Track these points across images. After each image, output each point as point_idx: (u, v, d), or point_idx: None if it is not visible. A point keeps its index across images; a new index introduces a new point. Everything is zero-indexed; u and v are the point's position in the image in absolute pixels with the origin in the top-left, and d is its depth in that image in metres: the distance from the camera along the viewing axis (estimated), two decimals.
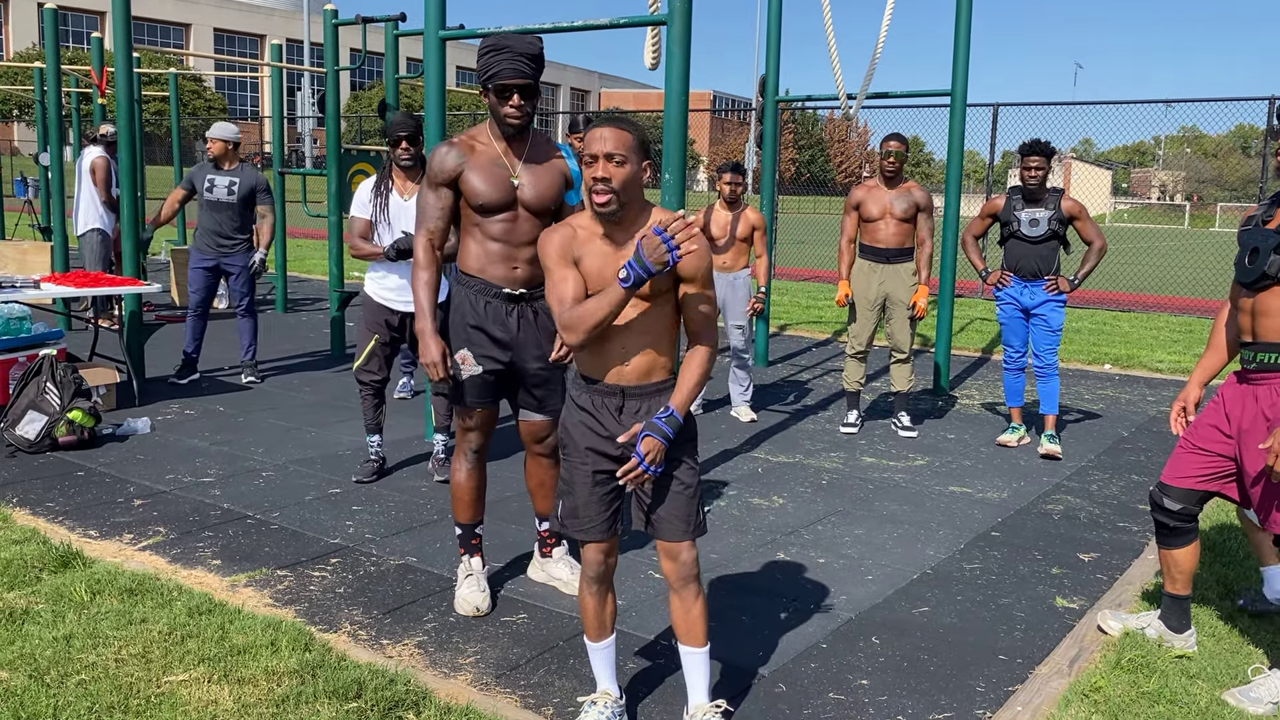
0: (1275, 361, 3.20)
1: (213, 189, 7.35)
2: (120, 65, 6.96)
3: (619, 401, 2.75)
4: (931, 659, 3.50)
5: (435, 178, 3.58)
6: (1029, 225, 6.18)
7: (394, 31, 8.88)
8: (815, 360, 9.59)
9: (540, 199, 3.62)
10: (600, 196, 2.61)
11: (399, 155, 5.20)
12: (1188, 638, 3.60)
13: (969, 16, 7.69)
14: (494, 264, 3.62)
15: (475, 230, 3.63)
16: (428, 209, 3.62)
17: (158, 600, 3.64)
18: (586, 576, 2.87)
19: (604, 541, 2.84)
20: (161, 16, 64.16)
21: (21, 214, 17.50)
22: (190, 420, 6.50)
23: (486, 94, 3.54)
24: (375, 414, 5.39)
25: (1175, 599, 3.60)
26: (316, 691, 3.01)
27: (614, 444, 2.75)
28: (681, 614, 2.83)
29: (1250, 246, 3.22)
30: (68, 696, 2.95)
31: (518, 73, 3.45)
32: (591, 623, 2.91)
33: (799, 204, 53.58)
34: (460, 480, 3.81)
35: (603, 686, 2.96)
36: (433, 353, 3.59)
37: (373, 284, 5.29)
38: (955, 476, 5.79)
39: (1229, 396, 3.37)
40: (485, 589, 3.79)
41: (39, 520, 4.54)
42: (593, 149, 2.61)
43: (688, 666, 2.87)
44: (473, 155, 3.58)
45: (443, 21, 5.81)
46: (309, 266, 16.35)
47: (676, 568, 2.80)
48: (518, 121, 3.54)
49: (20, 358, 6.69)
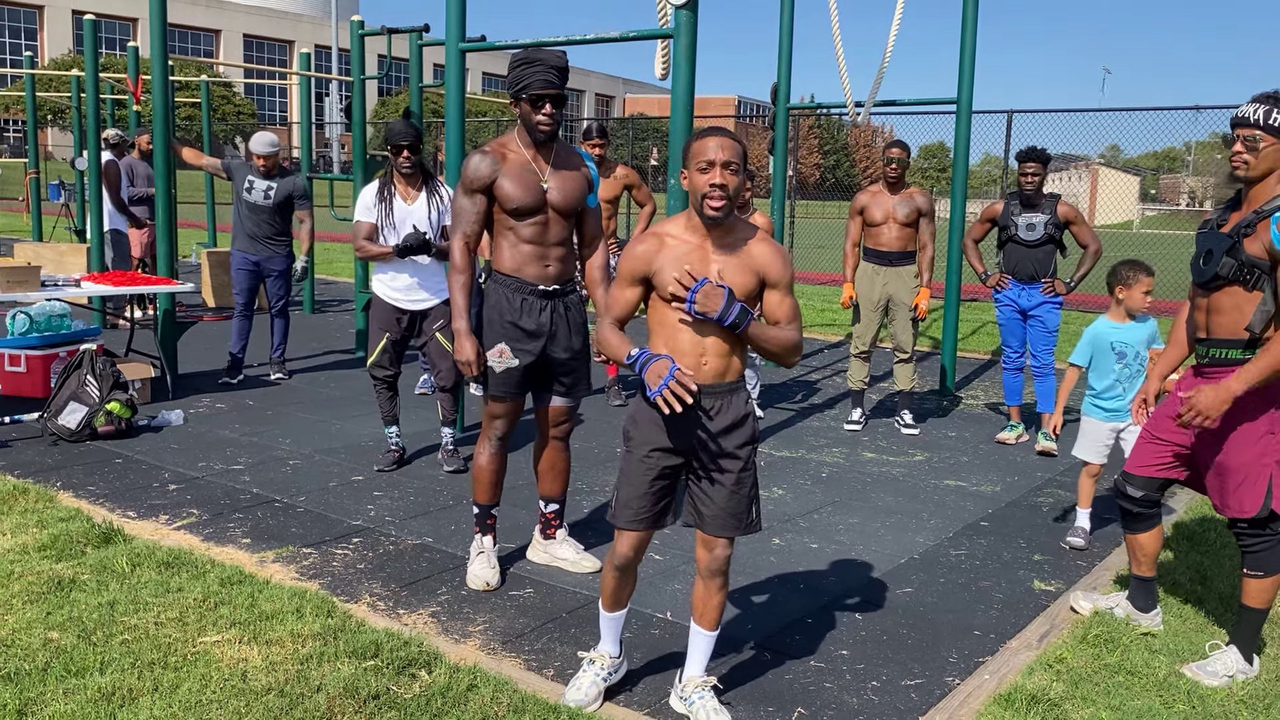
0: (1226, 356, 3.42)
1: (251, 190, 7.59)
2: (156, 74, 7.31)
3: (696, 401, 2.85)
4: (910, 634, 3.74)
5: (471, 184, 3.83)
6: (1026, 229, 6.40)
7: (418, 42, 9.20)
8: (826, 361, 9.82)
9: (568, 202, 3.90)
10: (716, 202, 2.75)
11: (400, 162, 5.43)
12: (1154, 617, 3.82)
13: (974, 27, 7.91)
14: (528, 263, 3.89)
15: (509, 233, 3.89)
16: (463, 213, 3.86)
17: (192, 572, 3.94)
18: (613, 563, 3.04)
19: (643, 533, 2.98)
20: (193, 23, 65.20)
21: (59, 217, 17.98)
22: (221, 413, 6.82)
23: (518, 104, 3.80)
24: (390, 406, 5.67)
25: (1141, 580, 3.83)
26: (337, 651, 3.29)
27: (684, 441, 2.89)
28: (703, 599, 3.03)
29: (1205, 249, 3.45)
30: (112, 654, 3.25)
31: (548, 83, 3.72)
32: (609, 599, 3.11)
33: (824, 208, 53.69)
34: (483, 464, 4.07)
35: (604, 647, 3.18)
36: (468, 351, 3.84)
37: (381, 285, 5.53)
38: (951, 471, 6.02)
39: (1185, 389, 3.60)
40: (495, 566, 4.07)
41: (82, 502, 4.85)
42: (709, 157, 2.74)
43: (693, 643, 3.08)
44: (505, 162, 3.84)
45: (463, 34, 6.11)
46: (336, 269, 16.73)
47: (710, 559, 2.98)
48: (549, 129, 3.81)
49: (61, 353, 7.05)
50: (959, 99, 7.98)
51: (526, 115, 3.80)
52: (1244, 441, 3.36)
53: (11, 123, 55.27)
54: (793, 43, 8.72)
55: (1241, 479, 3.37)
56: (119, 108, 18.15)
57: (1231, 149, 3.33)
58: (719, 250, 2.85)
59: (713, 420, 2.88)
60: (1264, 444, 3.34)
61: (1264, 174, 3.31)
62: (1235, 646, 3.48)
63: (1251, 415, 3.35)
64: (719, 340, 2.84)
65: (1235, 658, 3.45)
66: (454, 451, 5.70)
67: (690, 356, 2.84)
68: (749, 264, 2.85)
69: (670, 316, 2.86)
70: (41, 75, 19.69)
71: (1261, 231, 3.26)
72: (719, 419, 2.88)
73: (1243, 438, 3.37)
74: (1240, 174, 3.32)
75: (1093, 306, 15.00)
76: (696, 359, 2.84)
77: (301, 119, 12.61)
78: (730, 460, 2.91)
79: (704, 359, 2.85)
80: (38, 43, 61.21)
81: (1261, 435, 3.34)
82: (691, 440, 2.89)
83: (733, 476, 2.92)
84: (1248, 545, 3.43)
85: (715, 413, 2.88)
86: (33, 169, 15.89)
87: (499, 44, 6.14)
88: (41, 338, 7.04)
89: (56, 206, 17.01)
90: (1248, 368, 3.23)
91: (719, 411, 2.88)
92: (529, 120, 3.80)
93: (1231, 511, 3.43)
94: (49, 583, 3.77)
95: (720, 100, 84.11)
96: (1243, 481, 3.37)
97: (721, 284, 2.77)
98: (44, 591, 3.70)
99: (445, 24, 6.11)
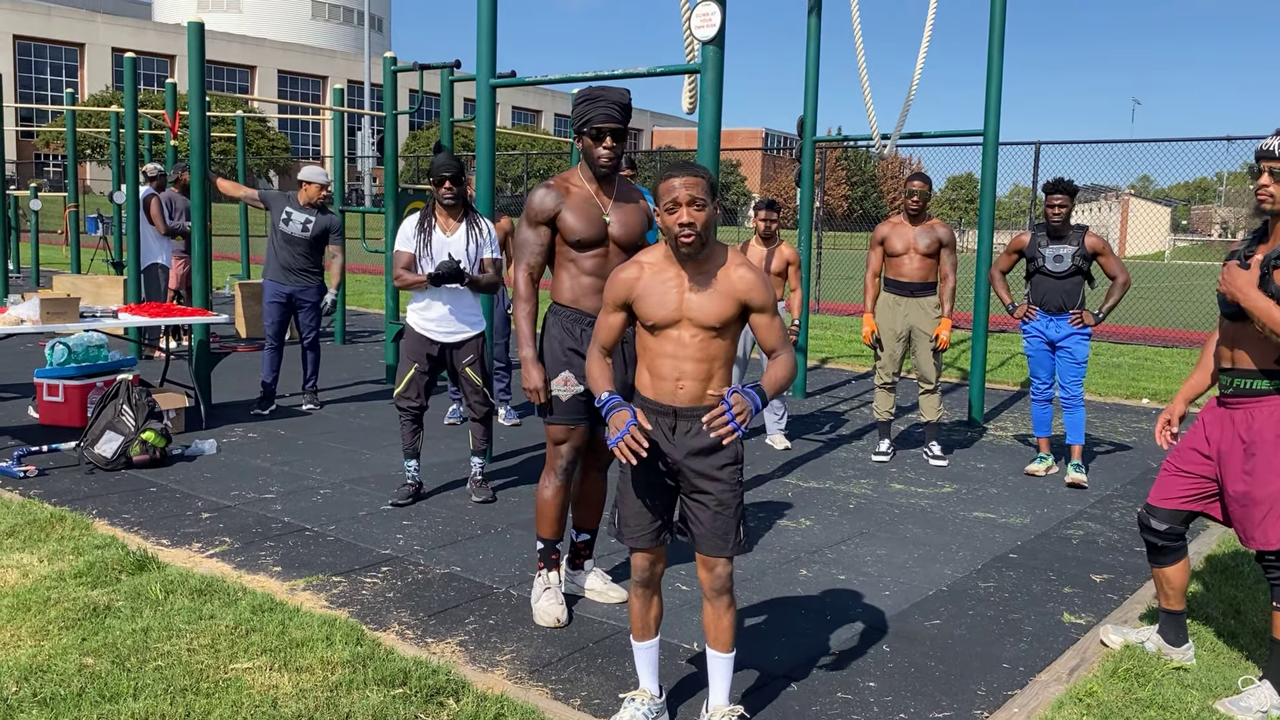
0: (1250, 387, 3.42)
1: (289, 222, 7.74)
2: (194, 109, 7.47)
3: (672, 421, 2.99)
4: (938, 666, 3.73)
5: (536, 217, 3.93)
6: (1053, 261, 6.40)
7: (450, 77, 9.35)
8: (853, 393, 9.81)
9: (629, 235, 3.98)
10: (687, 238, 2.85)
11: (442, 194, 5.50)
12: (1185, 650, 3.78)
13: (1000, 60, 7.95)
14: (587, 295, 3.96)
15: (570, 265, 3.97)
16: (528, 245, 3.96)
17: (224, 599, 3.99)
18: (634, 581, 3.11)
19: (651, 550, 3.07)
20: (228, 59, 66.46)
21: (97, 250, 18.30)
22: (253, 443, 6.91)
23: (581, 138, 3.92)
24: (413, 439, 5.65)
25: (1170, 614, 3.79)
26: (366, 679, 3.32)
27: (665, 460, 3.00)
28: (712, 620, 3.06)
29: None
30: (146, 679, 3.29)
31: (609, 118, 3.82)
32: (637, 623, 3.15)
33: (851, 239, 53.67)
34: (547, 497, 4.07)
35: (644, 684, 3.19)
36: (534, 379, 3.91)
37: (415, 315, 5.56)
38: (980, 503, 5.99)
39: (1208, 420, 3.59)
40: (563, 601, 4.04)
41: (116, 529, 4.93)
42: (674, 196, 2.85)
43: (712, 669, 3.10)
44: (568, 196, 3.94)
45: (494, 69, 6.21)
46: (367, 301, 16.91)
47: (711, 579, 3.03)
48: (610, 162, 3.90)
49: (98, 383, 7.18)
50: (985, 131, 8.01)
51: (589, 149, 3.91)
52: (1270, 473, 3.35)
53: (52, 157, 56.44)
54: (819, 76, 8.79)
55: (1267, 511, 3.35)
56: (156, 142, 18.51)
57: (1257, 182, 3.34)
58: (695, 279, 2.94)
59: (689, 441, 2.98)
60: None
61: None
62: (1269, 681, 3.44)
63: (1277, 448, 3.34)
64: (696, 365, 2.95)
65: (1269, 692, 3.41)
66: (482, 482, 5.73)
67: (668, 381, 2.97)
68: (727, 290, 2.93)
69: (651, 342, 2.99)
70: (82, 111, 20.11)
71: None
72: (694, 440, 2.97)
73: (1268, 469, 3.35)
74: (1267, 207, 3.33)
75: (1122, 338, 14.90)
76: (674, 383, 2.97)
77: (334, 153, 12.81)
78: (711, 481, 2.98)
79: (680, 383, 2.96)
80: (78, 79, 62.59)
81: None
82: (672, 461, 3.00)
83: (714, 498, 2.98)
84: (1276, 578, 3.40)
85: (691, 434, 2.98)
86: (72, 203, 16.21)
87: (529, 80, 6.24)
88: (79, 368, 7.17)
89: (95, 239, 17.32)
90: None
91: (694, 433, 2.98)
92: (591, 154, 3.91)
93: (1257, 544, 3.41)
94: (84, 609, 3.84)
95: (747, 133, 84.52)
96: (1268, 513, 3.35)
97: (740, 389, 2.81)
98: (79, 618, 3.76)
99: (476, 60, 6.21)
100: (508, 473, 6.33)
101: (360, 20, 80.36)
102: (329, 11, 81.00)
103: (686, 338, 2.94)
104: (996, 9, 7.93)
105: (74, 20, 62.65)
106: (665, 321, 2.93)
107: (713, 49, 5.16)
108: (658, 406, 3.00)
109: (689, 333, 2.93)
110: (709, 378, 2.96)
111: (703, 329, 2.92)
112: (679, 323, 2.94)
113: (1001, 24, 7.94)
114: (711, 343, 2.94)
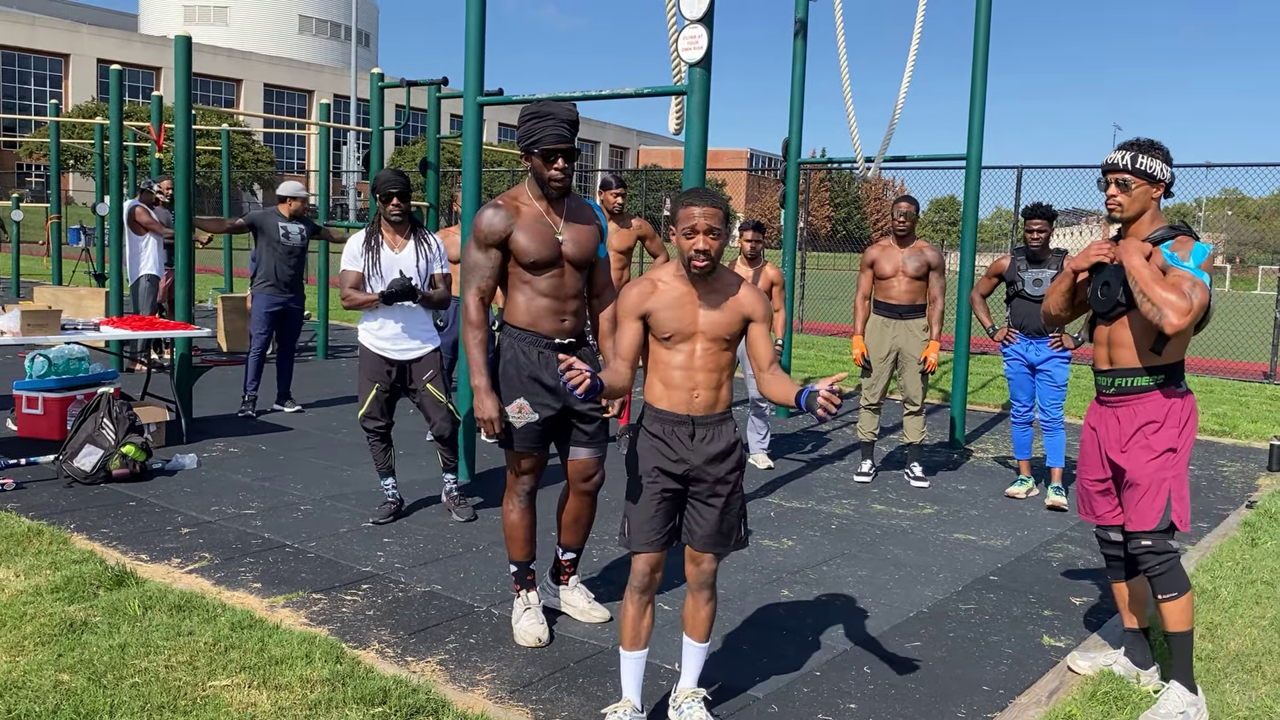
0: (1131, 385, 3.60)
1: (288, 236, 8.10)
2: (180, 124, 7.46)
3: (690, 429, 3.15)
4: (918, 688, 3.73)
5: (486, 239, 3.82)
6: (1033, 285, 6.45)
7: (436, 94, 9.37)
8: (836, 413, 9.82)
9: (583, 254, 3.91)
10: (700, 262, 3.05)
11: (389, 211, 5.46)
12: (1152, 674, 3.83)
13: (984, 85, 8.03)
14: (543, 318, 3.88)
15: (524, 286, 3.88)
16: (478, 268, 3.85)
17: (203, 616, 3.96)
18: (632, 586, 3.21)
19: (656, 554, 3.19)
20: (215, 72, 66.30)
21: (79, 261, 18.20)
22: (234, 458, 6.87)
23: (529, 157, 3.82)
24: (385, 457, 5.60)
25: (1135, 634, 3.88)
26: (346, 697, 3.30)
27: (683, 466, 3.14)
28: (693, 612, 3.27)
29: (1102, 281, 3.62)
30: (122, 697, 3.26)
31: (560, 138, 3.74)
32: (629, 631, 3.23)
33: (835, 260, 53.84)
34: (514, 521, 4.05)
35: (627, 695, 3.27)
36: (489, 409, 3.80)
37: (368, 334, 5.48)
38: (961, 525, 6.01)
39: (1096, 424, 3.76)
40: (544, 620, 4.02)
41: (95, 544, 4.89)
42: (694, 224, 3.03)
43: (686, 656, 3.30)
44: (519, 216, 3.84)
45: (481, 87, 6.23)
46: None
47: (698, 573, 3.23)
48: (561, 184, 3.82)
49: (78, 395, 7.13)
50: (969, 156, 8.08)
51: (538, 170, 3.81)
52: (1148, 456, 3.55)
53: (34, 168, 56.13)
54: (804, 98, 8.86)
55: (1144, 492, 3.54)
56: (141, 155, 18.45)
57: (1106, 193, 3.59)
58: (704, 296, 3.14)
59: (705, 447, 3.15)
60: (1165, 459, 3.54)
61: (1138, 214, 3.59)
62: (1176, 681, 3.51)
63: (1158, 433, 3.54)
64: (708, 375, 3.14)
65: (1180, 693, 3.48)
66: (460, 500, 5.71)
67: (683, 391, 3.14)
68: (734, 307, 3.15)
69: (664, 354, 3.15)
70: (66, 122, 20.03)
71: (1156, 256, 3.48)
72: (711, 446, 3.15)
73: (1146, 453, 3.55)
74: (1117, 215, 3.59)
75: None
76: (689, 393, 3.14)
77: (319, 167, 12.80)
78: (722, 485, 3.18)
79: (695, 392, 3.14)
80: (62, 90, 62.34)
81: (1164, 451, 3.53)
82: (687, 466, 3.15)
83: (724, 500, 3.19)
84: (1151, 568, 3.55)
85: (707, 441, 3.15)
86: (54, 214, 16.13)
87: (516, 98, 6.26)
88: (59, 380, 7.13)
89: (77, 251, 17.23)
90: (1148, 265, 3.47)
91: (710, 440, 3.15)
92: (541, 175, 3.82)
93: (1135, 525, 3.58)
94: (61, 624, 3.80)
95: (733, 153, 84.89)
96: (1144, 494, 3.54)
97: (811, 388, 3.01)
98: (56, 633, 3.73)
99: (464, 78, 6.23)
100: (489, 490, 6.31)
101: (347, 35, 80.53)
102: (316, 26, 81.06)
103: (699, 350, 3.13)
104: (980, 36, 8.02)
105: (59, 31, 62.42)
106: (681, 334, 3.12)
107: (699, 70, 5.20)
108: (674, 417, 3.14)
109: (702, 345, 3.13)
110: (719, 386, 3.17)
111: (714, 341, 3.13)
112: (693, 336, 3.12)
113: (985, 50, 8.02)
114: (721, 354, 3.16)
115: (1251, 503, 6.68)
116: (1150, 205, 3.57)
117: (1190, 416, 3.59)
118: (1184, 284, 3.40)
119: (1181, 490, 3.56)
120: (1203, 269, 3.43)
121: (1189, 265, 3.43)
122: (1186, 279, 3.41)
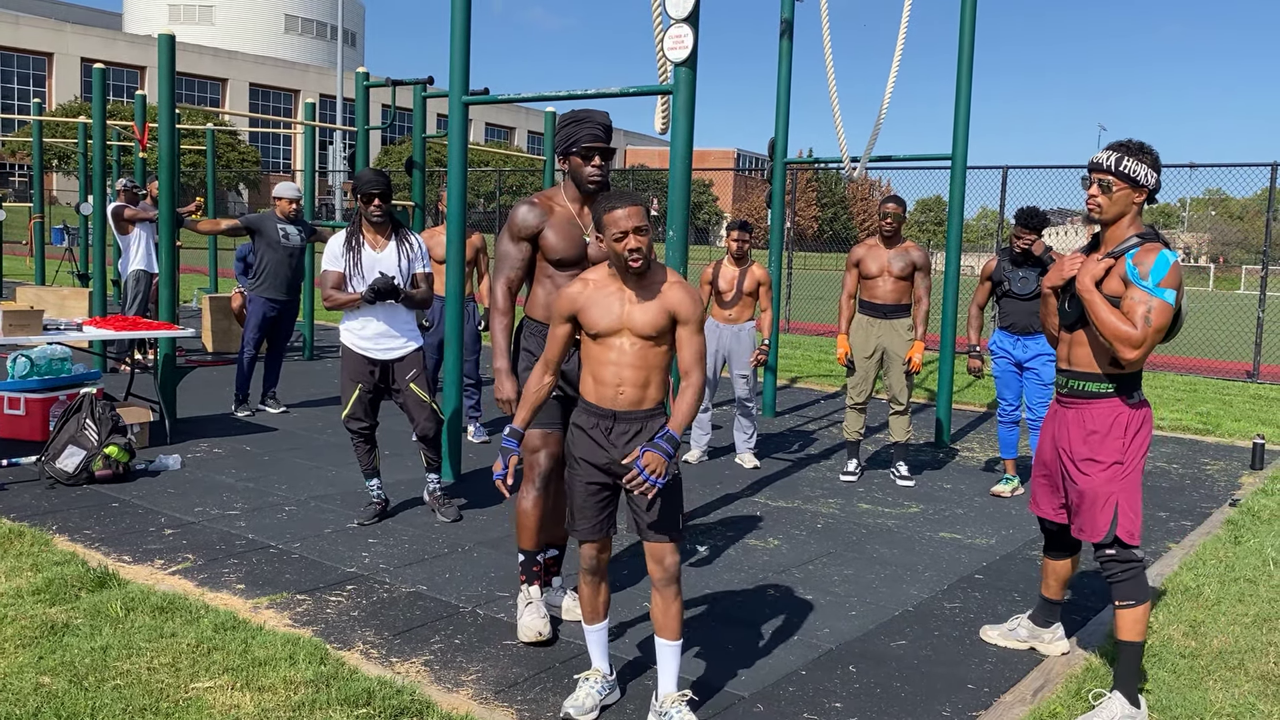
0: (1083, 388, 3.62)
1: (289, 238, 8.17)
2: (164, 123, 7.42)
3: (610, 424, 3.25)
4: (904, 687, 3.74)
5: (518, 232, 4.04)
6: (1020, 283, 6.48)
7: (422, 93, 9.35)
8: (822, 412, 9.85)
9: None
10: (635, 262, 3.14)
11: (370, 211, 5.44)
12: (1054, 631, 4.05)
13: (969, 85, 8.05)
14: None
15: (547, 281, 4.08)
16: (509, 258, 4.07)
17: (186, 617, 3.94)
18: (583, 569, 3.37)
19: (596, 541, 3.34)
20: (200, 71, 66.01)
21: (62, 261, 18.09)
22: (218, 458, 6.83)
23: (567, 159, 4.00)
24: (369, 459, 5.58)
25: (1049, 602, 4.07)
26: (330, 699, 3.28)
27: (605, 458, 3.25)
28: (661, 610, 3.26)
29: (1070, 294, 3.64)
30: (104, 699, 3.24)
31: (596, 138, 3.94)
32: (587, 608, 3.41)
33: (821, 260, 53.99)
34: (526, 508, 4.04)
35: (596, 664, 3.44)
36: (507, 390, 4.00)
37: (350, 335, 5.46)
38: (947, 523, 6.03)
39: (1051, 418, 3.80)
40: (546, 615, 4.00)
41: (77, 545, 4.86)
42: (622, 226, 3.12)
43: (660, 658, 3.28)
44: (552, 215, 4.05)
45: (467, 87, 6.21)
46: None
47: (660, 570, 3.25)
48: (598, 180, 4.00)
49: (61, 396, 7.08)
50: (954, 156, 8.10)
51: (576, 168, 4.00)
52: (1096, 468, 3.56)
53: (17, 167, 55.78)
54: (790, 98, 8.87)
55: (1090, 504, 3.56)
56: (125, 154, 18.34)
57: (1087, 192, 3.56)
58: (635, 293, 3.23)
59: (626, 443, 3.23)
60: (1113, 472, 3.54)
61: (1117, 216, 3.55)
62: (1119, 691, 3.47)
63: (1105, 444, 3.55)
64: (635, 372, 3.22)
65: (1120, 703, 3.44)
66: (444, 500, 5.69)
67: (609, 387, 3.23)
68: (662, 305, 3.21)
69: (594, 351, 3.25)
70: (49, 121, 19.90)
71: (1119, 267, 3.48)
72: (635, 442, 3.22)
73: (1094, 465, 3.57)
74: (1096, 216, 3.57)
75: None
76: (614, 389, 3.23)
77: (305, 167, 12.75)
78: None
79: (620, 389, 3.23)
80: (45, 89, 61.95)
81: (1111, 464, 3.54)
82: (608, 459, 3.25)
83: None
84: (1113, 574, 3.57)
85: (629, 437, 3.23)
86: (37, 213, 16.02)
87: (501, 97, 6.25)
88: (42, 381, 7.07)
89: (60, 250, 17.12)
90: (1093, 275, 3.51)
91: (633, 435, 3.23)
92: (579, 173, 4.00)
93: (1085, 535, 3.61)
94: (42, 627, 3.77)
95: (719, 153, 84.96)
96: (1090, 506, 3.56)
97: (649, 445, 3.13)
98: (37, 635, 3.70)
99: (449, 77, 6.22)
100: (476, 490, 6.30)
101: (333, 35, 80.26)
102: (302, 25, 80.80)
103: (626, 346, 3.21)
104: (965, 36, 8.04)
105: (43, 30, 62.02)
106: (608, 330, 3.21)
107: (685, 70, 5.19)
108: (598, 410, 3.25)
109: (629, 341, 3.21)
110: (647, 384, 3.24)
111: (641, 338, 3.20)
112: (620, 332, 3.21)
113: (970, 51, 8.05)
114: (650, 351, 3.22)
115: (1235, 501, 6.71)
116: (1130, 210, 3.52)
117: (1142, 428, 3.55)
118: (1138, 310, 3.38)
119: (1131, 502, 3.53)
120: (1164, 285, 3.39)
121: (1147, 285, 3.39)
122: (1142, 304, 3.38)
